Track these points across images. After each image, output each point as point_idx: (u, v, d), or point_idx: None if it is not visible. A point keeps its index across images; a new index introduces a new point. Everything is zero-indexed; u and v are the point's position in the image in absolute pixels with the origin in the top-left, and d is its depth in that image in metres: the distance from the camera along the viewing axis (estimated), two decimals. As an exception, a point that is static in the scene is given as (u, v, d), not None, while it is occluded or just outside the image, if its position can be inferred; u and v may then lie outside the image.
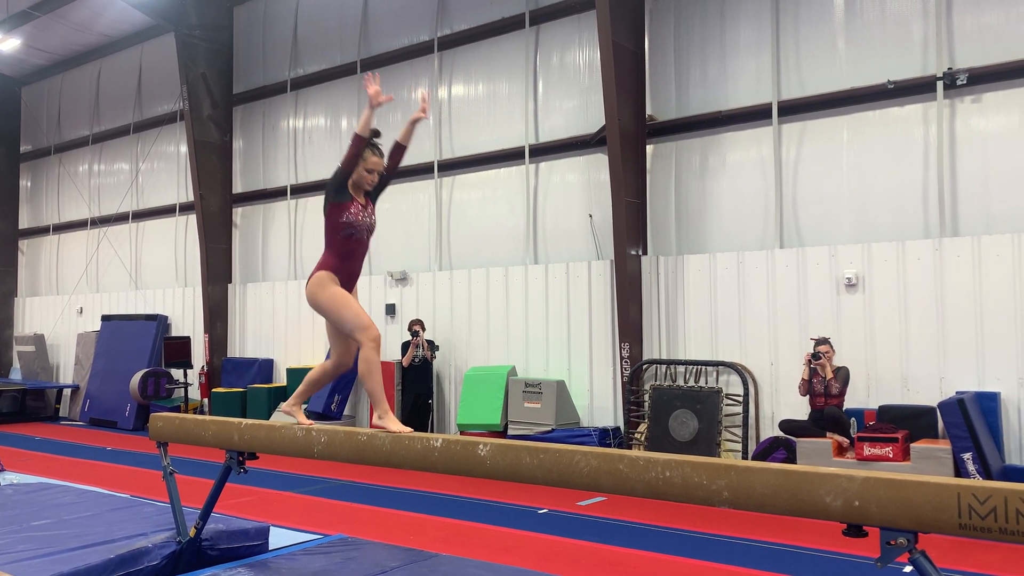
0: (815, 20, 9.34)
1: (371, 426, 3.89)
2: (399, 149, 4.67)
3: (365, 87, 4.24)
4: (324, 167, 13.86)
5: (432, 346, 11.42)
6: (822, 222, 9.22)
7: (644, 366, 9.88)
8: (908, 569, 2.78)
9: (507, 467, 3.55)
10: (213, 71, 14.88)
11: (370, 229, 4.42)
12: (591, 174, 10.81)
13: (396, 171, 4.61)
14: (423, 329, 11.29)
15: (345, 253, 4.35)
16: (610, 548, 6.18)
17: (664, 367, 9.81)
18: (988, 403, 7.86)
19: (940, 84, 8.45)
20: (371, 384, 4.12)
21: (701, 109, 10.01)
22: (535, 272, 11.04)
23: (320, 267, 4.39)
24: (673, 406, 9.31)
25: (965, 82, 8.30)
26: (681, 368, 9.67)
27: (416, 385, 11.34)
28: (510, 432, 10.29)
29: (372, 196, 4.53)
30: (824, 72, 9.25)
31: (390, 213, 12.99)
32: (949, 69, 8.39)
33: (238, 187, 15.17)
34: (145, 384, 14.09)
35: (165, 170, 16.52)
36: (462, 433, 10.52)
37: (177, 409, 13.84)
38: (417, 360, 11.22)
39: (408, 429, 3.97)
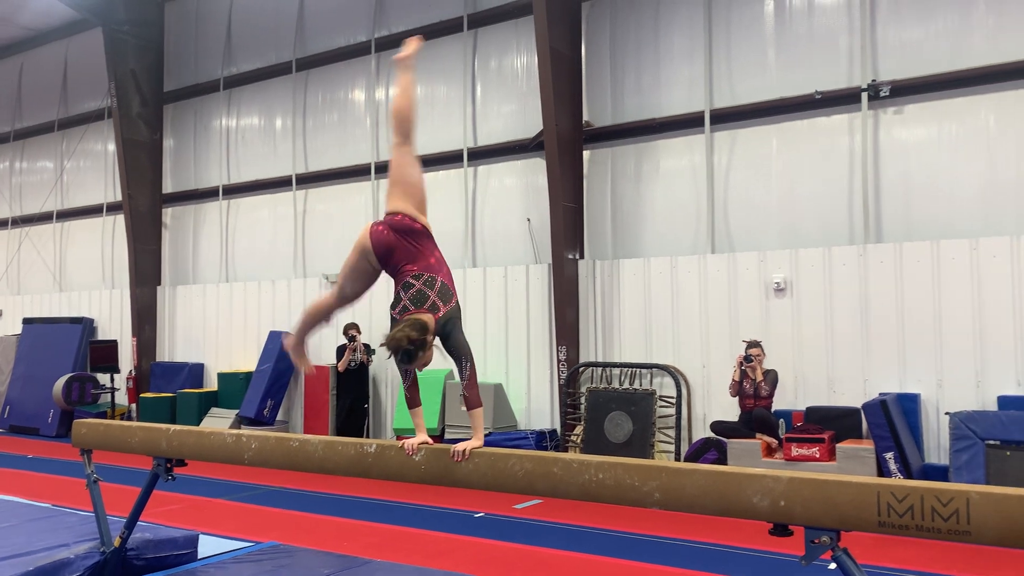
0: (746, 31, 9.57)
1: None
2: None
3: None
4: (257, 167, 13.64)
5: (368, 350, 11.32)
6: (752, 228, 9.44)
7: (581, 369, 9.97)
8: (832, 566, 2.87)
9: (442, 472, 3.55)
10: (143, 68, 14.50)
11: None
12: (529, 178, 10.87)
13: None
14: (359, 333, 11.18)
15: None
16: (546, 551, 6.22)
17: (600, 370, 9.91)
18: (909, 404, 8.15)
19: (864, 95, 8.74)
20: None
21: (636, 116, 10.16)
22: (473, 275, 11.04)
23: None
24: (608, 408, 9.42)
25: (888, 94, 8.60)
26: (616, 371, 9.78)
27: (352, 390, 11.23)
28: (447, 436, 10.26)
29: None
30: (755, 82, 9.48)
31: (325, 214, 12.85)
32: (873, 81, 8.68)
33: (168, 187, 14.81)
34: (69, 389, 13.63)
35: (92, 169, 16.04)
36: (398, 438, 10.45)
37: (103, 415, 13.42)
38: (353, 364, 11.11)
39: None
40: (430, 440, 3.65)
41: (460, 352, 3.55)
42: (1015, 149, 8.13)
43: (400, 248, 3.72)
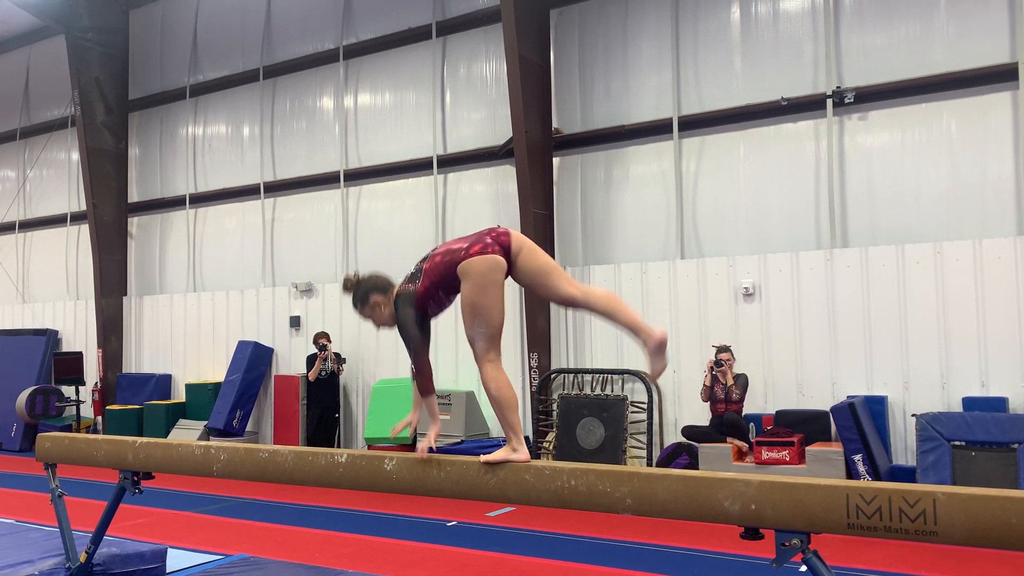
0: (713, 39, 9.67)
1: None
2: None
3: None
4: (224, 175, 13.52)
5: (339, 359, 11.25)
6: (721, 233, 9.52)
7: (552, 375, 9.98)
8: (804, 569, 2.89)
9: (414, 481, 3.53)
10: (107, 76, 14.32)
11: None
12: (499, 185, 10.88)
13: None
14: (329, 342, 11.11)
15: None
16: (519, 558, 6.21)
17: (572, 376, 9.93)
18: (876, 406, 8.26)
19: (830, 102, 8.86)
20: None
21: (605, 123, 10.21)
22: (443, 283, 10.99)
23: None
24: (580, 414, 9.43)
25: (852, 100, 8.73)
26: (588, 377, 9.80)
27: (322, 399, 11.14)
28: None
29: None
30: (722, 89, 9.58)
31: (294, 223, 12.76)
32: (838, 88, 8.81)
33: (134, 196, 14.63)
34: (33, 402, 13.38)
35: (55, 178, 15.79)
36: (370, 447, 10.39)
37: (68, 428, 13.19)
38: (324, 373, 11.03)
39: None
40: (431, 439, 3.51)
41: (400, 331, 3.58)
42: (976, 154, 8.28)
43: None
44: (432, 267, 3.54)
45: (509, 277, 3.54)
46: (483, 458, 3.40)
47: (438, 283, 3.52)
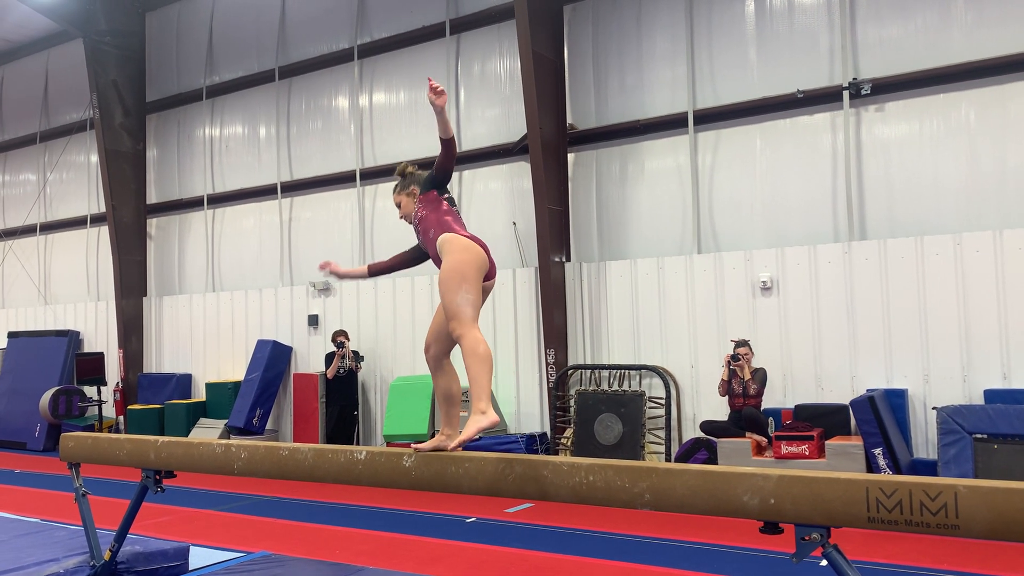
0: (727, 32, 9.62)
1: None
2: (443, 143, 3.94)
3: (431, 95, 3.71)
4: (241, 176, 13.60)
5: (357, 357, 11.30)
6: (737, 227, 9.48)
7: (569, 371, 9.98)
8: (824, 563, 2.88)
9: (432, 477, 3.54)
10: (124, 78, 14.44)
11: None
12: (514, 182, 10.88)
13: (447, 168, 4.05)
14: (348, 340, 11.16)
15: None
16: (539, 554, 6.22)
17: (589, 372, 9.92)
18: (896, 399, 8.20)
19: (846, 94, 8.79)
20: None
21: (620, 118, 10.18)
22: (460, 280, 11.01)
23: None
24: (598, 410, 9.42)
25: (869, 92, 8.67)
26: (605, 373, 9.80)
27: (341, 397, 11.20)
28: (437, 441, 10.23)
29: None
30: (737, 82, 9.53)
31: (311, 222, 12.82)
32: (854, 79, 8.74)
33: (152, 197, 14.74)
34: (56, 403, 13.53)
35: (75, 180, 15.94)
36: (389, 444, 10.43)
37: (91, 428, 13.33)
38: (342, 371, 11.08)
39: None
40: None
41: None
42: (996, 144, 8.20)
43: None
44: (436, 221, 3.85)
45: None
46: (456, 442, 3.47)
47: (429, 230, 3.86)
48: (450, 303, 3.57)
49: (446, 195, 3.99)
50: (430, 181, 3.96)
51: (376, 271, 4.21)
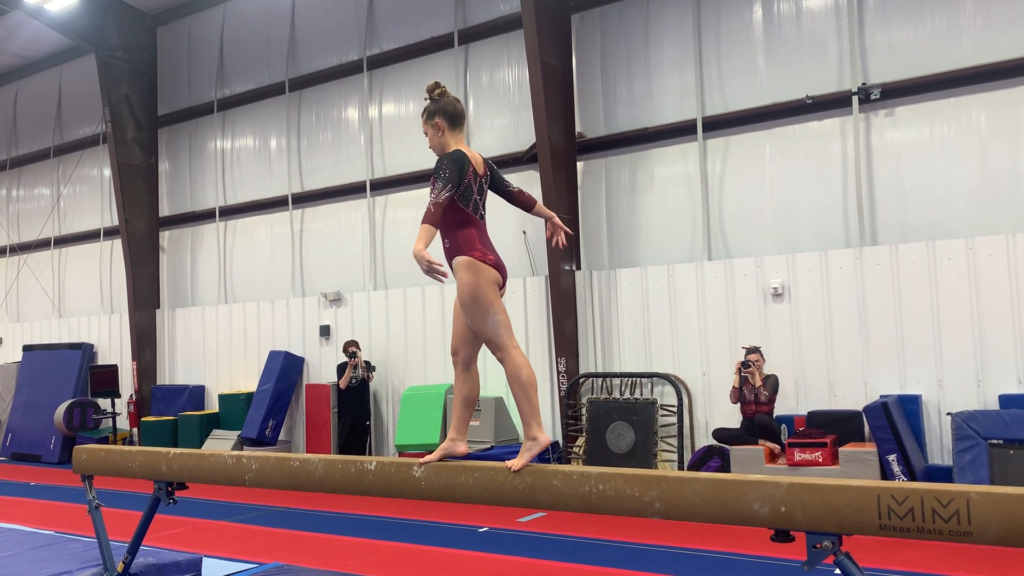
0: (736, 38, 9.62)
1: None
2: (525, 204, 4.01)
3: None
4: (252, 188, 13.68)
5: (369, 367, 11.32)
6: (748, 234, 9.46)
7: (581, 380, 9.96)
8: (837, 572, 2.86)
9: (442, 487, 3.54)
10: (136, 92, 14.56)
11: None
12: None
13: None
14: (359, 350, 11.18)
15: None
16: (551, 563, 6.20)
17: (600, 380, 9.90)
18: (910, 405, 8.14)
19: (855, 99, 8.77)
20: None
21: (629, 126, 10.19)
22: (470, 290, 11.02)
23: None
24: (610, 418, 9.40)
25: (878, 96, 8.64)
26: (617, 381, 9.77)
27: (353, 407, 11.21)
28: (449, 451, 10.23)
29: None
30: (746, 88, 9.52)
31: (322, 233, 12.87)
32: (863, 84, 8.72)
33: (165, 210, 14.84)
34: (71, 415, 13.61)
35: (88, 194, 16.07)
36: (401, 454, 10.43)
37: (105, 440, 13.40)
38: (354, 381, 11.10)
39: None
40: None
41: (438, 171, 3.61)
42: (1007, 147, 8.16)
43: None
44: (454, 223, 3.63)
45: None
46: (512, 465, 3.39)
47: (449, 221, 3.61)
48: (482, 331, 3.58)
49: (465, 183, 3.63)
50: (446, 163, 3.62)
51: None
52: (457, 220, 3.65)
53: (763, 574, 5.70)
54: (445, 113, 3.73)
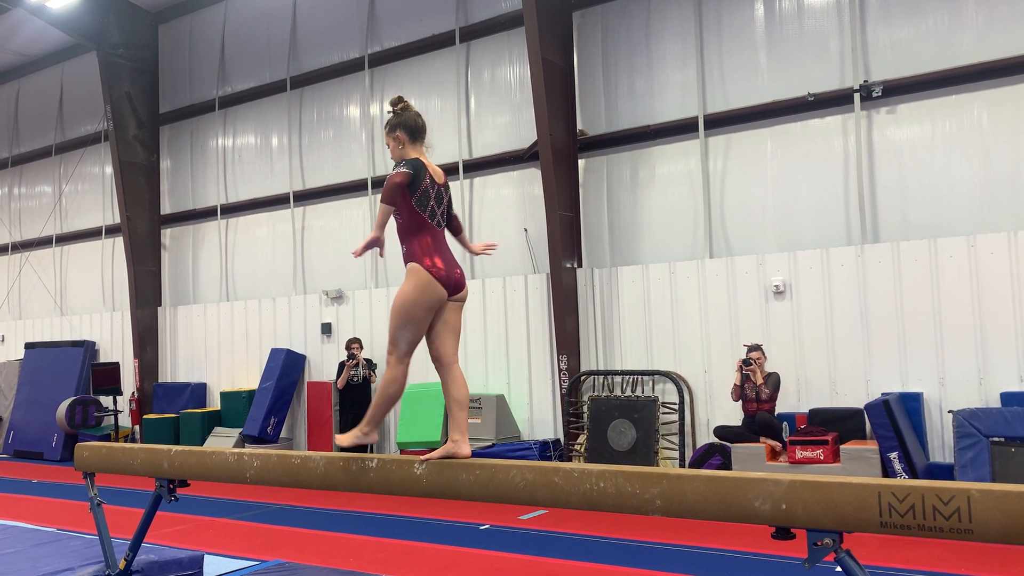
0: (737, 36, 9.61)
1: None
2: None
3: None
4: (254, 185, 13.68)
5: (370, 365, 11.31)
6: (749, 231, 9.45)
7: (582, 377, 9.96)
8: (838, 569, 2.86)
9: (444, 485, 3.54)
10: (138, 90, 14.57)
11: None
12: (525, 188, 10.89)
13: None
14: (361, 348, 11.18)
15: None
16: (553, 561, 6.20)
17: (601, 378, 9.90)
18: (912, 403, 8.14)
19: (857, 96, 8.76)
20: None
21: (630, 123, 10.18)
22: (472, 287, 11.01)
23: None
24: (611, 416, 9.41)
25: (880, 94, 8.63)
26: (618, 378, 9.78)
27: (355, 405, 11.17)
28: (450, 448, 10.24)
29: None
30: (747, 86, 9.51)
31: (323, 231, 12.88)
32: (865, 82, 8.71)
33: (166, 208, 14.85)
34: (73, 413, 13.63)
35: (90, 192, 16.08)
36: (402, 452, 10.44)
37: (107, 437, 13.42)
38: (355, 379, 11.09)
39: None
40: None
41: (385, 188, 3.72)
42: (1009, 145, 8.15)
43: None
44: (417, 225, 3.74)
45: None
46: (339, 438, 3.80)
47: (398, 222, 3.77)
48: (392, 333, 3.78)
49: (422, 187, 3.72)
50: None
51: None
52: (413, 226, 3.77)
53: (764, 572, 5.70)
54: (406, 127, 3.87)
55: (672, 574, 5.74)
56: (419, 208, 3.74)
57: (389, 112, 3.93)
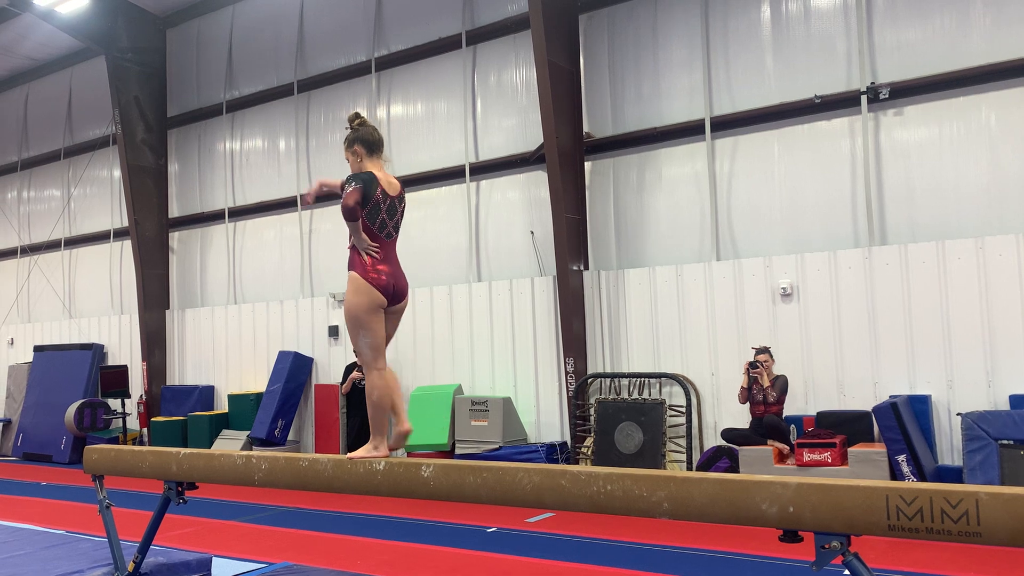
0: (744, 38, 9.60)
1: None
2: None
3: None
4: (262, 189, 13.72)
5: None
6: (756, 234, 9.44)
7: (589, 380, 9.96)
8: (846, 572, 2.86)
9: (451, 487, 3.55)
10: (146, 94, 14.63)
11: None
12: (531, 191, 10.90)
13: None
14: (367, 350, 11.19)
15: None
16: (559, 564, 6.20)
17: (608, 380, 9.90)
18: (920, 406, 8.11)
19: (864, 98, 8.75)
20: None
21: (637, 126, 10.18)
22: (479, 290, 11.06)
23: None
24: (618, 419, 9.40)
25: (887, 96, 8.61)
26: (625, 381, 9.77)
27: (362, 407, 11.21)
28: (458, 451, 10.26)
29: None
30: (754, 88, 9.50)
31: (330, 234, 12.90)
32: (872, 84, 8.70)
33: (174, 211, 14.91)
34: (81, 415, 13.68)
35: (98, 195, 16.15)
36: (409, 454, 10.45)
37: (115, 440, 13.46)
38: (361, 383, 11.11)
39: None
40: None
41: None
42: (1017, 146, 8.12)
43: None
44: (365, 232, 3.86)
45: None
46: (349, 455, 3.83)
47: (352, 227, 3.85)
48: (354, 346, 3.96)
49: (374, 198, 3.86)
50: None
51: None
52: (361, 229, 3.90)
53: (771, 574, 5.69)
54: (363, 141, 4.04)
55: (679, 577, 5.73)
56: (368, 220, 3.87)
57: (347, 128, 4.10)
